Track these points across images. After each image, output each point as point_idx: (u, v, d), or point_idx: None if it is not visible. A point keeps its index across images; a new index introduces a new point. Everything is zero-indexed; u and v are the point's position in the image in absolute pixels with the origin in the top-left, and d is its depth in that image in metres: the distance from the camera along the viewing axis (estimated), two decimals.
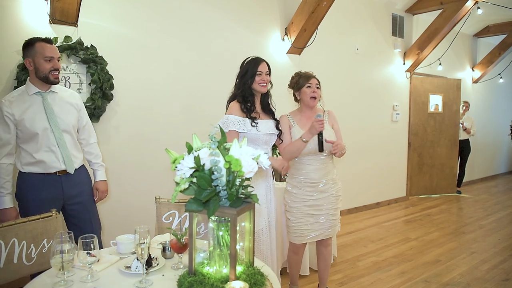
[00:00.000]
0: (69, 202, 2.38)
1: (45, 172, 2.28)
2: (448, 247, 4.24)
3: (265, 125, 2.49)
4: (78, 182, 2.42)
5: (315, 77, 2.67)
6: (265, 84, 2.47)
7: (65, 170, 2.33)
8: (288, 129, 2.64)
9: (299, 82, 2.66)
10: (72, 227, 2.40)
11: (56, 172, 2.31)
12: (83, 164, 2.51)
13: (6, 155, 2.24)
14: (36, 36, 2.33)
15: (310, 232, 2.64)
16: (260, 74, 2.45)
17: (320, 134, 2.49)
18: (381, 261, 3.81)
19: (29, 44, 2.26)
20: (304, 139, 2.50)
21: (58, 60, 2.31)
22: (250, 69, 2.46)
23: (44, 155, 2.26)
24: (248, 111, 2.43)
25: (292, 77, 2.75)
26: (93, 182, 2.59)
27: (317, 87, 2.64)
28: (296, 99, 2.75)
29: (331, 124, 2.70)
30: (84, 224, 2.41)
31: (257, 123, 2.42)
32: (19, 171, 2.30)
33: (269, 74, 2.53)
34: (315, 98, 2.63)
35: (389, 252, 4.08)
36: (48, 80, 2.27)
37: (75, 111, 2.44)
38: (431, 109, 6.85)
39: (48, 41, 2.29)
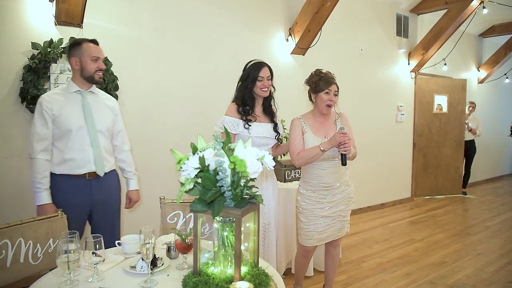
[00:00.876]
0: (96, 208, 2.34)
1: (75, 173, 2.25)
2: (453, 249, 4.22)
3: (259, 128, 2.50)
4: (107, 187, 2.39)
5: (335, 83, 2.55)
6: (266, 89, 2.50)
7: (95, 172, 2.29)
8: (300, 134, 2.56)
9: (319, 84, 2.52)
10: (95, 232, 2.28)
11: (85, 174, 2.27)
12: (114, 169, 2.47)
13: (43, 150, 2.22)
14: (80, 38, 2.39)
15: (321, 234, 2.61)
16: (261, 80, 2.47)
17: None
18: (386, 262, 3.80)
19: (77, 44, 2.29)
20: (322, 148, 2.43)
21: (103, 61, 2.34)
22: (252, 73, 2.48)
23: (75, 153, 2.24)
24: (244, 113, 2.45)
25: (312, 75, 2.60)
26: (122, 189, 2.56)
27: (335, 94, 2.54)
28: (310, 98, 2.64)
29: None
30: (108, 229, 2.35)
31: (250, 125, 2.44)
32: (50, 172, 2.26)
33: (271, 79, 2.54)
34: (330, 106, 2.54)
35: (394, 253, 4.07)
36: (93, 80, 2.30)
37: (111, 114, 2.44)
38: (436, 109, 6.82)
39: (94, 42, 2.33)
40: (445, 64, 6.64)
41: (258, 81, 2.46)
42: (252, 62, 2.54)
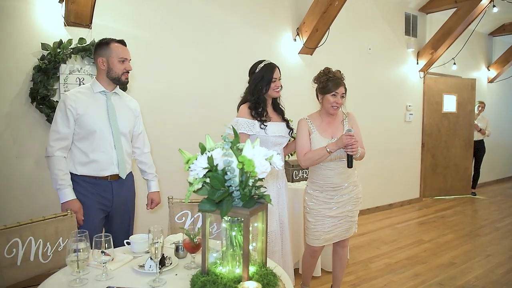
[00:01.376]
0: (115, 210, 2.32)
1: (97, 175, 2.21)
2: (462, 250, 4.17)
3: (275, 127, 2.50)
4: (127, 189, 2.38)
5: (343, 85, 2.53)
6: (279, 89, 2.51)
7: (118, 174, 2.27)
8: (307, 135, 2.56)
9: (327, 85, 2.50)
10: (111, 232, 2.24)
11: (108, 176, 2.24)
12: (131, 171, 2.45)
13: (61, 149, 2.16)
14: (108, 38, 2.30)
15: (328, 234, 2.61)
16: (275, 81, 2.48)
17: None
18: (394, 263, 3.78)
19: (104, 44, 2.25)
20: (329, 150, 2.43)
21: (130, 61, 2.32)
22: (266, 76, 2.46)
23: (100, 155, 2.20)
24: (258, 115, 2.45)
25: (321, 74, 2.58)
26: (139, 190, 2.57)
27: (342, 96, 2.52)
28: (318, 98, 2.63)
29: (350, 127, 2.64)
30: (123, 231, 2.37)
31: (266, 125, 2.44)
32: (71, 173, 2.20)
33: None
34: (336, 108, 2.53)
35: (402, 254, 4.04)
36: (120, 81, 2.27)
37: (133, 116, 2.42)
38: (445, 109, 6.75)
39: (122, 42, 2.30)
40: (454, 63, 6.58)
41: (272, 82, 2.47)
42: (262, 64, 2.51)
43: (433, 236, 4.64)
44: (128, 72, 2.30)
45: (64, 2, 3.06)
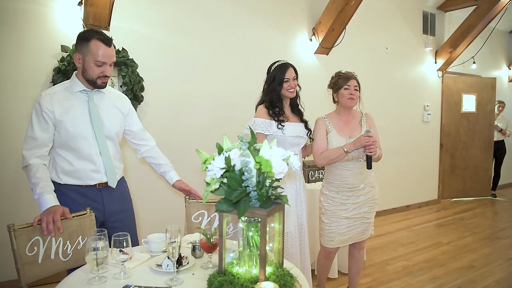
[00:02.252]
0: (110, 220, 2.10)
1: (84, 184, 2.00)
2: (482, 253, 4.08)
3: (293, 127, 2.49)
4: (120, 197, 2.15)
5: (355, 78, 2.55)
6: (293, 89, 2.49)
7: (106, 182, 2.05)
8: (324, 134, 2.55)
9: (338, 83, 2.55)
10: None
11: (96, 184, 2.02)
12: (123, 176, 2.23)
13: (39, 156, 1.90)
14: (95, 29, 2.02)
15: (343, 236, 2.58)
16: (287, 81, 2.47)
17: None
18: (412, 266, 3.72)
19: (84, 39, 1.91)
20: (346, 150, 2.41)
21: (111, 65, 1.98)
22: (278, 76, 2.47)
23: (84, 164, 1.97)
24: (275, 115, 2.45)
25: (332, 77, 2.64)
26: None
27: (356, 89, 2.53)
28: (334, 100, 2.65)
29: (368, 127, 2.61)
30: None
31: (284, 126, 2.43)
32: (55, 182, 1.97)
33: (296, 78, 2.53)
34: (353, 99, 2.52)
35: (420, 256, 3.98)
36: (95, 84, 1.98)
37: (121, 116, 2.14)
38: (464, 109, 6.61)
39: (106, 41, 1.94)
40: (474, 62, 6.45)
41: (284, 82, 2.46)
42: (276, 64, 2.53)
43: (451, 239, 4.56)
44: (106, 77, 1.98)
45: (83, 5, 3.11)
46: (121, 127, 2.16)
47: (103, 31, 3.21)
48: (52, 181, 1.93)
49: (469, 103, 6.65)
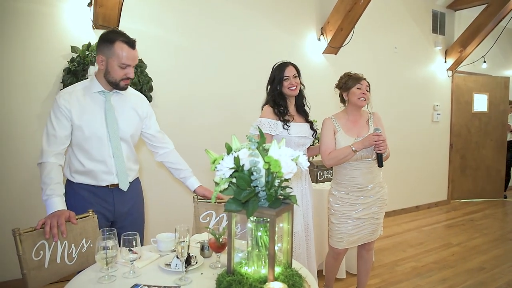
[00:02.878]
0: (119, 220, 2.09)
1: (96, 184, 1.99)
2: (493, 254, 4.03)
3: (298, 128, 2.49)
4: (132, 198, 2.13)
5: (365, 79, 2.56)
6: (294, 87, 2.48)
7: (118, 184, 2.03)
8: (332, 134, 2.54)
9: (348, 83, 2.54)
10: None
11: (108, 185, 2.01)
12: (137, 177, 2.21)
13: (57, 154, 1.90)
14: (118, 30, 2.00)
15: (353, 237, 2.57)
16: (287, 79, 2.47)
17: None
18: (421, 267, 3.69)
19: (108, 41, 1.91)
20: (354, 148, 2.40)
21: (133, 67, 1.98)
22: (277, 75, 2.50)
23: (96, 165, 1.97)
24: (280, 114, 2.45)
25: (341, 77, 2.63)
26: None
27: (367, 90, 2.53)
28: (342, 100, 2.64)
29: (375, 126, 2.61)
30: None
31: (289, 126, 2.43)
32: (67, 179, 2.01)
33: (298, 76, 2.53)
34: (364, 99, 2.51)
35: (430, 257, 3.94)
36: (117, 86, 1.98)
37: (138, 118, 2.12)
38: (475, 109, 6.50)
39: (131, 44, 1.94)
40: (484, 61, 6.37)
41: (284, 80, 2.47)
42: (276, 64, 2.56)
43: (461, 240, 4.51)
44: (129, 79, 1.98)
45: (92, 6, 3.14)
46: (137, 130, 2.14)
47: None
48: (65, 178, 1.96)
49: (480, 103, 6.53)
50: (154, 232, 2.18)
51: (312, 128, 2.58)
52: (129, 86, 2.08)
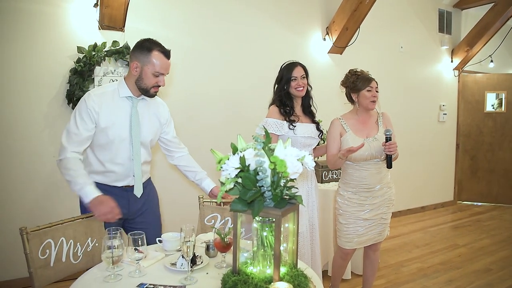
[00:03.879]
0: (131, 219, 2.14)
1: (111, 184, 2.05)
2: (500, 256, 4.00)
3: (304, 128, 2.49)
4: (146, 197, 2.18)
5: (374, 80, 2.52)
6: (301, 88, 2.48)
7: (133, 186, 2.09)
8: (338, 137, 2.51)
9: (357, 84, 2.49)
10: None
11: (123, 186, 2.07)
12: (149, 177, 2.27)
13: (77, 152, 1.93)
14: (154, 40, 2.05)
15: (361, 237, 2.55)
16: (295, 79, 2.47)
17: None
18: (427, 268, 3.66)
19: (145, 49, 1.97)
20: (340, 155, 2.38)
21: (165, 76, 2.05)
22: (285, 74, 2.49)
23: (116, 167, 2.02)
24: (286, 114, 2.46)
25: (347, 76, 2.57)
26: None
27: (376, 90, 2.50)
28: (350, 99, 2.60)
29: (385, 127, 2.57)
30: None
31: (295, 126, 2.43)
32: None
33: (306, 77, 2.52)
34: (375, 102, 2.49)
35: (436, 258, 3.91)
36: (147, 93, 2.03)
37: (158, 124, 2.18)
38: (488, 108, 6.22)
39: (166, 53, 2.02)
40: (491, 61, 6.31)
41: (292, 81, 2.47)
42: (285, 63, 2.55)
43: (468, 241, 4.48)
44: (159, 87, 2.05)
45: (98, 7, 3.15)
46: (157, 135, 2.20)
47: (119, 32, 3.29)
48: None
49: (494, 102, 6.31)
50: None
51: (318, 128, 2.58)
52: None
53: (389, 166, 2.42)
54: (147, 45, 1.98)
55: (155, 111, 2.17)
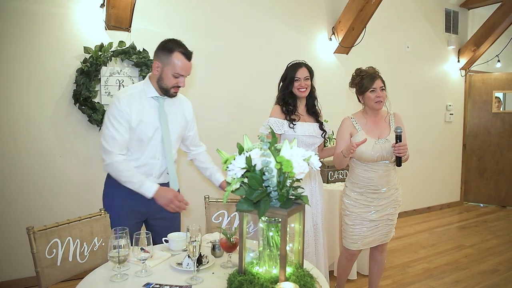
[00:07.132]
0: (153, 217, 2.16)
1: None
2: (507, 256, 3.97)
3: (305, 127, 2.49)
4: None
5: (379, 77, 2.44)
6: (304, 89, 2.49)
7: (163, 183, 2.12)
8: (347, 137, 2.47)
9: (362, 84, 2.44)
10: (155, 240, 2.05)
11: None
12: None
13: (122, 154, 2.00)
14: (177, 40, 2.08)
15: (367, 238, 2.53)
16: (298, 80, 2.48)
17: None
18: (433, 268, 3.64)
19: (167, 50, 2.00)
20: (343, 154, 2.37)
21: (186, 77, 2.08)
22: (289, 74, 2.51)
23: (145, 166, 2.07)
24: (288, 113, 2.47)
25: (353, 76, 2.53)
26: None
27: (382, 89, 2.43)
28: (358, 100, 2.56)
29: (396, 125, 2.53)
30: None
31: (295, 124, 2.44)
32: (108, 175, 2.09)
33: (311, 78, 2.52)
34: (380, 102, 2.44)
35: (442, 259, 3.89)
36: (167, 93, 2.06)
37: (185, 122, 2.22)
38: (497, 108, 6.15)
39: (187, 55, 2.04)
40: (498, 60, 6.26)
41: (295, 81, 2.48)
42: (291, 63, 2.56)
43: (474, 241, 4.44)
44: (179, 87, 2.07)
45: (105, 7, 3.17)
46: (183, 132, 2.24)
47: (125, 32, 3.30)
48: (109, 175, 2.06)
49: (502, 102, 6.25)
50: None
51: (321, 128, 2.57)
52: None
53: (399, 164, 2.40)
54: (169, 46, 2.01)
55: (181, 109, 2.21)
